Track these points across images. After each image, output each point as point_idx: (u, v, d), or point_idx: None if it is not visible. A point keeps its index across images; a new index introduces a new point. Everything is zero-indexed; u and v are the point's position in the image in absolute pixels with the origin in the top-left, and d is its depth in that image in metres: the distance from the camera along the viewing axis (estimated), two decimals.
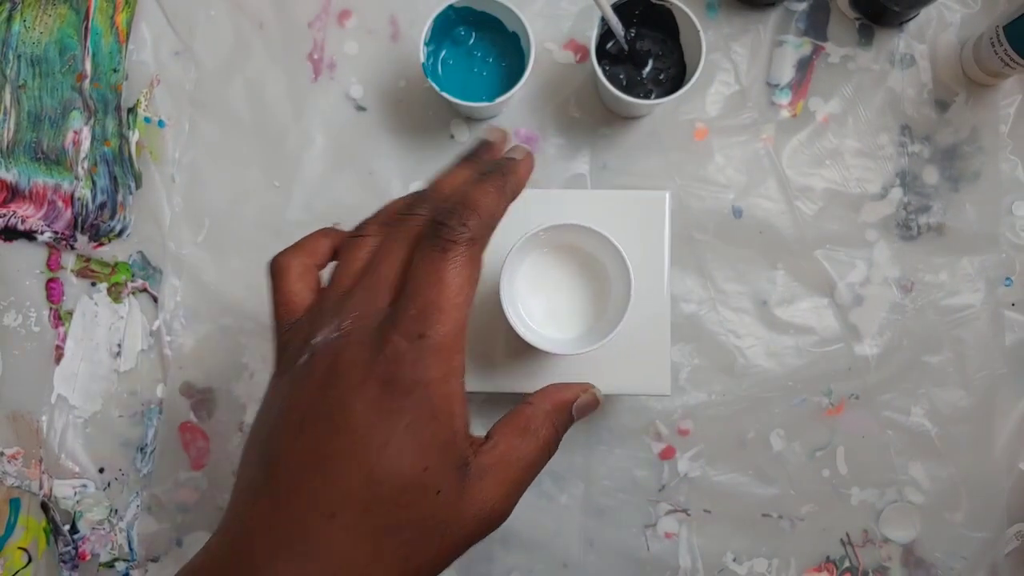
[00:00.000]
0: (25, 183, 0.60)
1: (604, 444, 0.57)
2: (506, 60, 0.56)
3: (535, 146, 0.58)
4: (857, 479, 0.57)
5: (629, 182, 0.58)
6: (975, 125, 0.58)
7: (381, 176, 0.59)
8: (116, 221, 0.59)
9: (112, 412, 0.59)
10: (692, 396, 0.57)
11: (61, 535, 0.58)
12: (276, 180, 0.59)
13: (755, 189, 0.58)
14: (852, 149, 0.58)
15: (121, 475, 0.58)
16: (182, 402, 0.58)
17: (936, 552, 0.56)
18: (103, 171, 0.60)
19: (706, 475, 0.57)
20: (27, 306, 0.59)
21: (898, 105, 0.59)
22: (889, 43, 0.59)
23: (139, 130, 0.60)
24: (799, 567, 0.56)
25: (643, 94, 0.54)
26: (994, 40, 0.54)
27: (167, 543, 0.58)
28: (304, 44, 0.60)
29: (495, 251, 0.47)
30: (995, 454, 0.56)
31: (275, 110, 0.60)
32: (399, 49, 0.60)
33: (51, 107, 0.60)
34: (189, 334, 0.59)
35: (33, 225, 0.59)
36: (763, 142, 0.58)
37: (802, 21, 0.59)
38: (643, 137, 0.58)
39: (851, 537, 0.57)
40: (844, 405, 0.57)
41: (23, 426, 0.59)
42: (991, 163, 0.58)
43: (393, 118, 0.59)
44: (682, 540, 0.57)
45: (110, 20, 0.61)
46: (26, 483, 0.58)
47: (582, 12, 0.59)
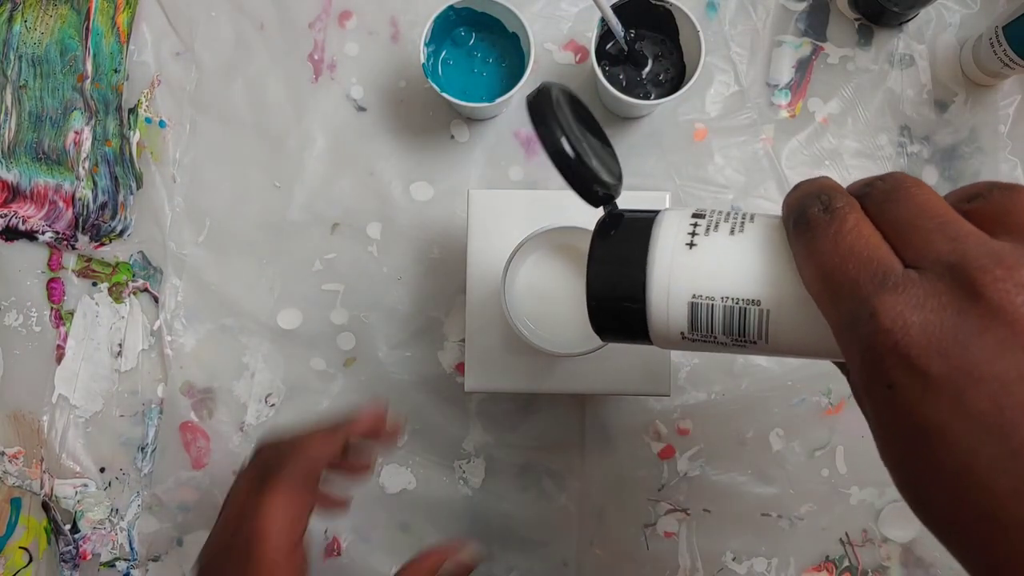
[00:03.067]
0: (26, 183, 0.60)
1: (604, 444, 0.57)
2: (506, 61, 0.56)
3: (535, 146, 0.59)
4: (856, 478, 0.57)
5: (629, 182, 0.58)
6: (974, 125, 0.58)
7: (381, 176, 0.59)
8: (117, 221, 0.60)
9: (113, 412, 0.59)
10: (692, 396, 0.57)
11: (62, 534, 0.58)
12: (277, 180, 0.59)
13: (754, 189, 0.58)
14: (851, 149, 0.59)
15: (122, 474, 0.58)
16: (183, 402, 0.58)
17: (935, 551, 0.56)
18: (104, 171, 0.60)
19: (705, 475, 0.57)
20: (28, 306, 0.59)
21: (897, 105, 0.59)
22: (888, 44, 0.59)
23: (140, 130, 0.60)
24: (798, 566, 0.56)
25: (643, 95, 0.54)
26: (993, 40, 0.54)
27: (168, 542, 0.58)
28: (305, 45, 0.60)
29: (498, 252, 0.47)
30: None
31: (276, 111, 0.60)
32: (399, 50, 0.60)
33: (52, 107, 0.60)
34: (190, 334, 0.59)
35: (34, 225, 0.59)
36: (762, 142, 0.59)
37: (801, 21, 0.59)
38: (643, 137, 0.59)
39: (850, 536, 0.57)
40: (843, 405, 0.57)
41: (24, 426, 0.59)
42: (990, 163, 0.58)
43: (393, 118, 0.59)
44: (682, 539, 0.57)
45: (111, 21, 0.61)
46: (27, 483, 0.58)
47: (582, 13, 0.59)
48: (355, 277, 0.59)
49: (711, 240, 0.26)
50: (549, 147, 0.30)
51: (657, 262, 0.27)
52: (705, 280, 0.26)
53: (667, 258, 0.27)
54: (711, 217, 0.27)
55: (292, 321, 0.58)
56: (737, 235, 0.26)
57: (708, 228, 0.27)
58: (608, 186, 0.31)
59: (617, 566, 0.57)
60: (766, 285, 0.25)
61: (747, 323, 0.26)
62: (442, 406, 0.58)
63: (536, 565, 0.57)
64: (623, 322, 0.28)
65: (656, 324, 0.27)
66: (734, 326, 0.26)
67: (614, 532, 0.57)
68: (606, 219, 0.30)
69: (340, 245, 0.59)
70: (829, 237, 0.22)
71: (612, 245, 0.29)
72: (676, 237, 0.27)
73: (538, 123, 0.30)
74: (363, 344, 0.58)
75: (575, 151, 0.30)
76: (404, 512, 0.58)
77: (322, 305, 0.58)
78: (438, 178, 0.59)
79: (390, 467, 0.58)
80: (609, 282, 0.28)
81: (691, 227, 0.27)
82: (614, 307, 0.28)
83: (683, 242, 0.27)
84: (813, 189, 0.24)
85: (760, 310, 0.25)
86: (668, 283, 0.27)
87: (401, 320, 0.58)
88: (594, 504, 0.57)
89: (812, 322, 0.24)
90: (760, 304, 0.25)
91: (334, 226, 0.59)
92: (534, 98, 0.30)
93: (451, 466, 0.58)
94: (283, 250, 0.59)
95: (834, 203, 0.23)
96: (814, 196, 0.24)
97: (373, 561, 0.58)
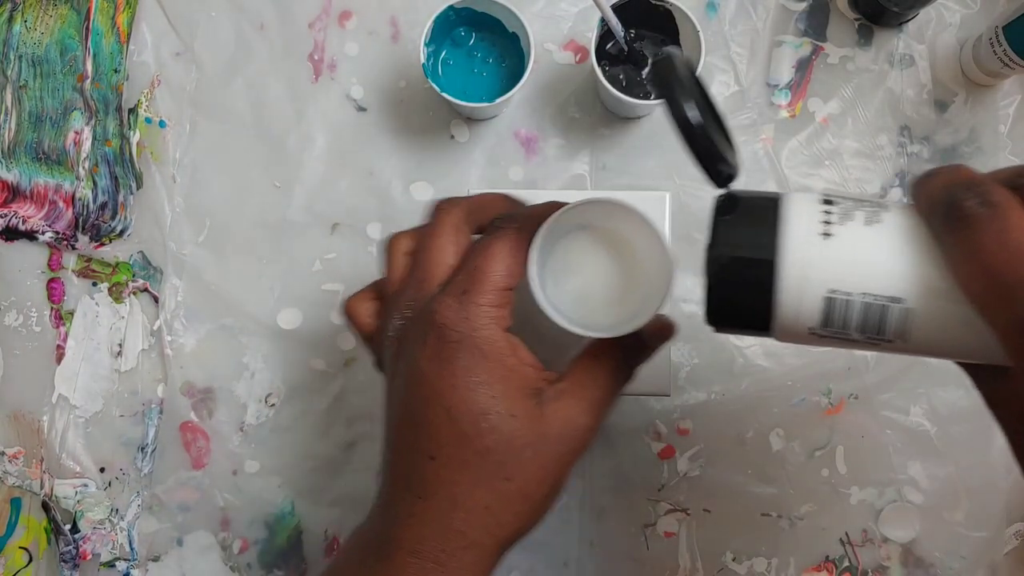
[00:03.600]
0: (26, 183, 0.60)
1: (604, 444, 0.57)
2: (506, 61, 0.56)
3: (535, 146, 0.59)
4: (856, 479, 0.57)
5: (629, 183, 0.58)
6: (974, 125, 0.58)
7: (381, 176, 0.59)
8: (117, 221, 0.60)
9: (113, 412, 0.59)
10: (692, 396, 0.57)
11: (62, 534, 0.58)
12: (277, 180, 0.59)
13: (754, 189, 0.58)
14: (851, 149, 0.59)
15: (122, 474, 0.58)
16: (183, 402, 0.58)
17: (935, 552, 0.56)
18: (104, 171, 0.60)
19: (705, 474, 0.57)
20: (28, 306, 0.59)
21: (897, 105, 0.59)
22: (888, 43, 0.59)
23: (140, 130, 0.60)
24: (798, 566, 0.56)
25: (643, 94, 0.54)
26: (993, 40, 0.54)
27: (168, 542, 0.58)
28: (305, 45, 0.60)
29: None
30: (994, 454, 0.56)
31: (276, 111, 0.60)
32: (399, 50, 0.60)
33: (52, 107, 0.60)
34: (190, 334, 0.59)
35: (34, 225, 0.59)
36: (762, 142, 0.59)
37: (801, 21, 0.59)
38: (643, 138, 0.59)
39: (850, 536, 0.57)
40: (843, 405, 0.57)
41: (24, 426, 0.59)
42: (990, 163, 0.58)
43: (393, 119, 0.60)
44: (682, 539, 0.57)
45: (111, 21, 0.61)
46: (27, 483, 0.58)
47: (582, 13, 0.60)
48: (355, 277, 0.59)
49: (848, 230, 0.25)
50: (677, 116, 0.28)
51: (790, 251, 0.25)
52: (844, 274, 0.24)
53: (801, 247, 0.25)
54: (843, 204, 0.26)
55: (292, 321, 0.58)
56: (874, 226, 0.25)
57: (842, 217, 0.25)
58: (732, 165, 0.29)
59: (617, 566, 0.57)
60: (910, 282, 0.24)
61: (887, 321, 0.24)
62: None
63: (536, 565, 0.57)
64: (745, 312, 0.27)
65: (784, 317, 0.26)
66: (872, 324, 0.25)
67: (614, 532, 0.57)
68: (724, 200, 0.28)
69: (340, 245, 0.59)
70: (992, 233, 0.21)
71: (736, 229, 0.27)
72: (809, 225, 0.25)
73: (664, 90, 0.28)
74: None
75: (703, 122, 0.28)
76: None
77: (322, 305, 0.58)
78: (438, 178, 0.59)
79: None
80: (733, 269, 0.26)
81: (824, 214, 0.25)
82: (737, 295, 0.26)
83: (817, 231, 0.25)
84: (960, 179, 0.23)
85: (902, 308, 0.24)
86: (802, 275, 0.25)
87: None
88: (594, 504, 0.57)
89: (961, 322, 0.23)
90: (902, 302, 0.24)
91: (334, 226, 0.59)
92: (659, 64, 0.29)
93: None
94: (283, 250, 0.59)
95: (992, 196, 0.22)
96: (964, 187, 0.22)
97: None
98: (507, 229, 0.34)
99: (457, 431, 0.31)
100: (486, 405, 0.31)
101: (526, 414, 0.32)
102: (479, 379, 0.32)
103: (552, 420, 0.32)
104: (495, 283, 0.32)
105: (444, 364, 0.32)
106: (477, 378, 0.32)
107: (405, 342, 0.34)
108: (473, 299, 0.32)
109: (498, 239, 0.33)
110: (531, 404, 0.32)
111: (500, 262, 0.33)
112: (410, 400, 0.33)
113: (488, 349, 0.32)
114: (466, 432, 0.31)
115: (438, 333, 0.32)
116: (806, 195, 0.26)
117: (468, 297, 0.32)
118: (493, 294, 0.32)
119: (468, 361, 0.32)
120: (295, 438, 0.58)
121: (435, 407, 0.32)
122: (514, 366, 0.32)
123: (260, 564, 0.58)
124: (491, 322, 0.32)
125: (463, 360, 0.32)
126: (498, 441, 0.31)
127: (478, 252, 0.33)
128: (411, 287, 0.35)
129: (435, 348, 0.32)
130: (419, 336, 0.33)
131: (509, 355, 0.33)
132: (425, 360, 0.32)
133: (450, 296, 0.32)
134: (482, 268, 0.33)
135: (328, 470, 0.58)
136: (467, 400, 0.31)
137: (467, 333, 0.32)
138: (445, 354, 0.32)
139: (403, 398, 0.33)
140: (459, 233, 0.36)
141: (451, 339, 0.32)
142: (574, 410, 0.33)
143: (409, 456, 0.33)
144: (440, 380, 0.32)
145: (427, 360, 0.32)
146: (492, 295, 0.32)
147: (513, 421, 0.32)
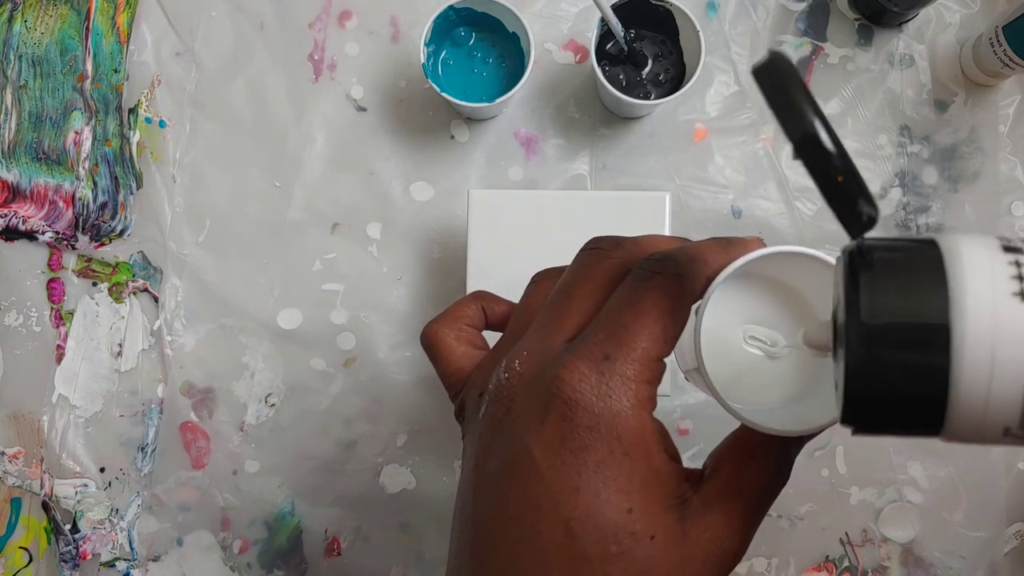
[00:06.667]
0: (26, 183, 0.60)
1: None
2: (506, 61, 0.56)
3: (535, 146, 0.59)
4: (856, 478, 0.57)
5: (629, 183, 0.58)
6: (974, 125, 0.58)
7: (381, 176, 0.59)
8: (117, 221, 0.60)
9: (113, 412, 0.59)
10: (692, 396, 0.57)
11: (62, 534, 0.58)
12: (277, 180, 0.59)
13: (754, 189, 0.58)
14: (851, 149, 0.58)
15: (122, 475, 0.58)
16: (183, 402, 0.58)
17: (935, 551, 0.56)
18: (104, 171, 0.60)
19: None
20: (28, 306, 0.59)
21: (897, 105, 0.59)
22: (888, 43, 0.59)
23: (140, 130, 0.60)
24: (798, 566, 0.57)
25: (643, 95, 0.54)
26: (993, 40, 0.54)
27: (168, 542, 0.58)
28: (305, 45, 0.60)
29: (499, 253, 0.47)
30: (994, 454, 0.56)
31: (276, 110, 0.60)
32: (399, 50, 0.60)
33: (52, 107, 0.60)
34: (190, 334, 0.59)
35: (34, 225, 0.59)
36: (762, 142, 0.59)
37: (801, 21, 0.59)
38: (643, 138, 0.59)
39: (850, 536, 0.57)
40: None
41: (24, 426, 0.59)
42: (990, 163, 0.58)
43: (393, 118, 0.60)
44: None
45: (111, 20, 0.61)
46: (27, 483, 0.58)
47: (582, 13, 0.60)
48: (355, 277, 0.59)
49: None
50: (796, 132, 0.21)
51: (971, 319, 0.18)
52: None
53: (987, 315, 0.18)
54: None
55: (292, 321, 0.58)
56: None
57: None
58: (875, 206, 0.20)
59: None
60: None
61: None
62: (442, 406, 0.58)
63: None
64: (908, 408, 0.19)
65: (965, 412, 0.18)
66: None
67: None
68: (857, 253, 0.20)
69: (340, 245, 0.59)
70: None
71: (889, 291, 0.19)
72: (995, 282, 0.18)
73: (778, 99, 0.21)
74: (363, 344, 0.58)
75: (835, 143, 0.20)
76: (404, 512, 0.58)
77: (322, 305, 0.58)
78: (438, 178, 0.59)
79: (390, 467, 0.58)
80: (889, 347, 0.19)
81: (1014, 267, 0.18)
82: (895, 385, 0.19)
83: (1008, 289, 0.18)
84: None
85: None
86: (992, 352, 0.18)
87: (401, 320, 0.58)
88: None
89: None
90: None
91: (334, 226, 0.59)
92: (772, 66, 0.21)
93: (451, 466, 0.58)
94: (283, 250, 0.59)
95: None
96: None
97: (373, 561, 0.58)
98: (664, 277, 0.25)
99: (575, 553, 0.23)
100: (619, 522, 0.23)
101: (667, 535, 0.24)
102: (615, 484, 0.23)
103: (697, 541, 0.25)
104: (647, 351, 0.24)
105: (568, 457, 0.24)
106: (612, 483, 0.23)
107: (512, 412, 0.25)
108: (618, 369, 0.24)
109: (652, 289, 0.24)
110: (673, 520, 0.24)
111: (656, 322, 0.24)
112: (509, 497, 0.24)
113: (631, 442, 0.24)
114: (587, 556, 0.23)
115: (564, 411, 0.24)
116: (978, 239, 0.19)
117: (611, 366, 0.24)
118: (642, 364, 0.24)
119: (602, 456, 0.23)
120: (295, 438, 0.58)
121: (548, 516, 0.23)
122: (659, 467, 0.24)
123: (260, 564, 0.58)
124: (639, 404, 0.24)
125: (596, 454, 0.23)
126: (627, 571, 0.23)
127: (624, 304, 0.25)
128: (534, 332, 0.27)
129: (557, 431, 0.24)
130: (535, 409, 0.24)
131: (656, 451, 0.24)
132: (541, 447, 0.24)
133: (585, 361, 0.24)
134: (631, 328, 0.24)
135: (328, 470, 0.58)
136: (595, 513, 0.23)
137: (606, 417, 0.24)
138: (572, 443, 0.24)
139: (498, 492, 0.25)
140: (614, 285, 0.26)
141: (582, 423, 0.24)
142: (724, 529, 0.25)
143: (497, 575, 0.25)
144: (560, 479, 0.23)
145: (544, 447, 0.24)
146: (641, 366, 0.24)
147: (651, 546, 0.24)
